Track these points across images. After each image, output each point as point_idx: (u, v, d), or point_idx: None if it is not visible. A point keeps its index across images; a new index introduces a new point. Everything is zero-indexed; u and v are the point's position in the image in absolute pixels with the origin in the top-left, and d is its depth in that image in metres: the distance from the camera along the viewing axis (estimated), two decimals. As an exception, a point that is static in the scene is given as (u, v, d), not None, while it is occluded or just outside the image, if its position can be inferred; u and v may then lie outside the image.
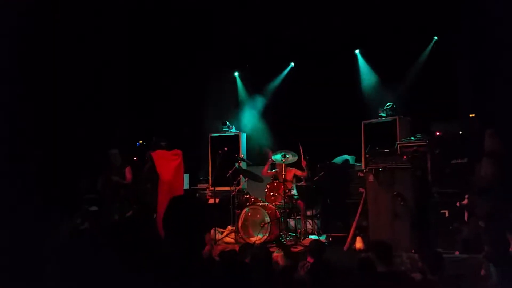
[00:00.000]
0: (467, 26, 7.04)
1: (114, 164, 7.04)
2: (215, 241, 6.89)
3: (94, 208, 6.99)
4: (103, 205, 7.07)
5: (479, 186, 4.73)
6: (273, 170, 7.65)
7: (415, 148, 6.22)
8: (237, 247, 5.97)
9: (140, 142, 8.10)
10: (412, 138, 6.65)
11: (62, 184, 7.35)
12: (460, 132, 5.86)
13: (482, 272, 4.46)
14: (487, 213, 4.66)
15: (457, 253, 5.31)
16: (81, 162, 7.75)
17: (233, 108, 9.76)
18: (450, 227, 5.54)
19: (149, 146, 8.20)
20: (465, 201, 4.98)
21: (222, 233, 7.39)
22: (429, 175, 5.89)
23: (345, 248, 6.63)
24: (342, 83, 8.34)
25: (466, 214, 5.03)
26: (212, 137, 8.92)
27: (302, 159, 7.30)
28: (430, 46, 7.86)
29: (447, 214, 5.63)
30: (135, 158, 7.89)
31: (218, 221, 7.50)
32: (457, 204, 5.05)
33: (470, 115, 6.55)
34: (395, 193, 5.88)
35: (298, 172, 7.49)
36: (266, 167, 7.70)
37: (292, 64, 9.31)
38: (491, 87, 6.60)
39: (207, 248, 5.24)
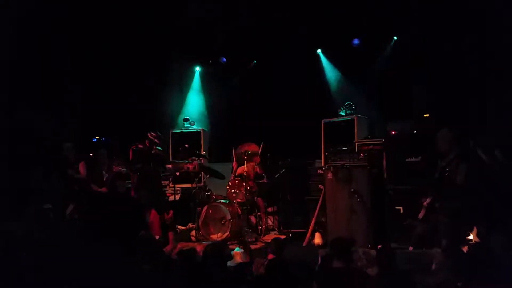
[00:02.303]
0: (425, 27, 7.26)
1: (68, 159, 6.84)
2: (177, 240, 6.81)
3: (48, 206, 6.76)
4: (56, 201, 6.86)
5: (453, 188, 4.89)
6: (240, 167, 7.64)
7: (371, 146, 6.39)
8: (197, 245, 5.97)
9: (97, 137, 7.88)
10: (369, 136, 6.83)
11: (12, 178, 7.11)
12: (415, 132, 6.06)
13: (433, 266, 4.66)
14: (454, 212, 4.85)
15: (410, 248, 5.49)
16: (33, 155, 7.49)
17: (194, 104, 9.65)
18: (404, 223, 5.72)
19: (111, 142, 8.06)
20: (428, 200, 5.16)
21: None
22: (385, 173, 6.08)
23: (304, 243, 6.76)
24: (303, 82, 8.46)
25: (422, 212, 5.21)
26: (173, 133, 8.80)
27: (257, 156, 7.39)
28: (390, 46, 8.02)
29: (401, 211, 5.83)
30: (90, 154, 7.68)
31: (179, 219, 7.45)
32: (424, 204, 5.22)
33: (424, 115, 6.79)
34: (352, 190, 6.04)
35: (258, 169, 7.56)
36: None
37: (255, 61, 9.31)
38: (445, 87, 6.86)
39: (169, 247, 5.20)
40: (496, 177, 5.01)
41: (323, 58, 8.60)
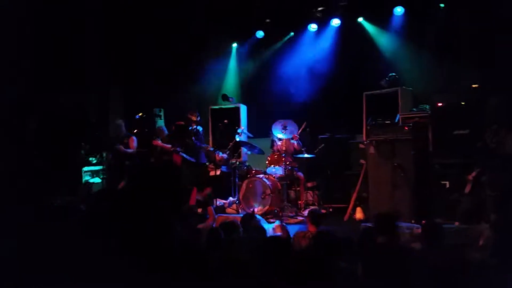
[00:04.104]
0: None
1: (119, 134, 7.09)
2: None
3: (95, 180, 7.08)
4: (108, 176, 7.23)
5: (501, 160, 4.69)
6: (279, 143, 7.59)
7: (416, 119, 6.18)
8: (238, 218, 6.05)
9: (140, 114, 8.04)
10: (414, 109, 6.60)
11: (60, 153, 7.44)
12: (462, 103, 5.80)
13: (481, 242, 4.51)
14: (503, 184, 4.66)
15: (456, 223, 5.35)
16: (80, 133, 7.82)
17: (232, 80, 9.64)
18: (450, 198, 5.56)
19: (149, 118, 8.27)
20: (473, 174, 4.99)
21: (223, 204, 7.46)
22: (430, 146, 5.89)
23: (345, 218, 6.73)
24: (344, 53, 8.23)
25: (468, 186, 5.03)
26: (212, 109, 8.86)
27: (296, 134, 7.31)
28: (436, 15, 7.55)
29: (447, 185, 5.65)
30: (135, 130, 7.87)
31: (219, 193, 7.56)
32: (469, 177, 5.06)
33: (473, 85, 6.46)
34: (395, 164, 5.90)
35: (295, 146, 7.50)
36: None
37: (292, 33, 9.12)
38: (493, 56, 6.49)
39: (210, 220, 5.30)
40: None
41: (366, 27, 8.25)
